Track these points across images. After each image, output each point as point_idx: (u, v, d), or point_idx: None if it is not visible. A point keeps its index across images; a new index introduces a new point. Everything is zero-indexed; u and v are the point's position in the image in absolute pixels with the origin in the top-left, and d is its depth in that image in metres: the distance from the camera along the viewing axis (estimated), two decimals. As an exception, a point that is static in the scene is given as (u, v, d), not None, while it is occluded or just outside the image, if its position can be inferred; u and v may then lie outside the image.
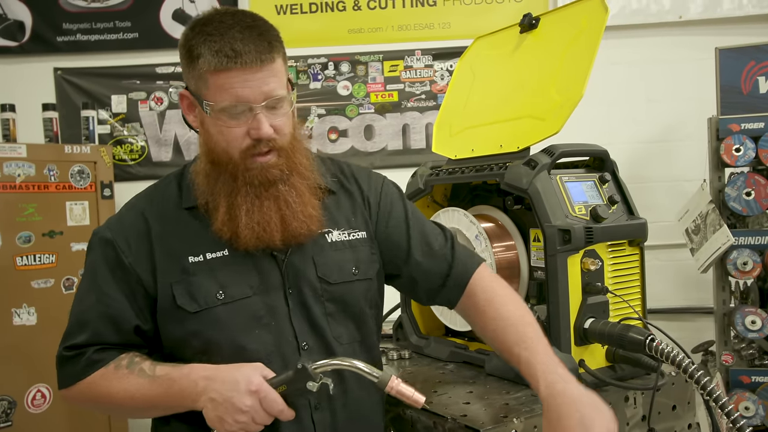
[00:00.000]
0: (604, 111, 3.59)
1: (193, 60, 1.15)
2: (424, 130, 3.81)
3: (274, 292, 1.23)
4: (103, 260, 1.22)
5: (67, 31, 3.72)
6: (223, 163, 1.19)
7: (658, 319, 2.53)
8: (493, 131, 1.74)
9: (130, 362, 1.18)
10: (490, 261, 1.59)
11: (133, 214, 1.26)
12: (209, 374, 1.11)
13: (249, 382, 1.08)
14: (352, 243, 1.32)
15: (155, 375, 1.15)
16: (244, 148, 1.18)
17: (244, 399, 1.07)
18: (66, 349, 1.20)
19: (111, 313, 1.19)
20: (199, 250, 1.21)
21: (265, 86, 1.15)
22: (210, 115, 1.16)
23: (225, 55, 1.11)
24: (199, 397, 1.10)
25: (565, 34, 1.65)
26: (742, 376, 3.06)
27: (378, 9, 3.82)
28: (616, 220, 1.52)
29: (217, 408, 1.08)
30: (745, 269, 3.01)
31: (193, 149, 3.74)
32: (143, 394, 1.15)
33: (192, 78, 1.18)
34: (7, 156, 2.87)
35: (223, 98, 1.14)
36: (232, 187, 1.20)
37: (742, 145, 3.00)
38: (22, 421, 2.85)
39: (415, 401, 1.10)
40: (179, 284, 1.19)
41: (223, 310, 1.19)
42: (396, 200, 1.42)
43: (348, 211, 1.35)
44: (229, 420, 1.07)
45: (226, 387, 1.08)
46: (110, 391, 1.17)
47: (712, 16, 3.69)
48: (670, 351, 1.27)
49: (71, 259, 3.03)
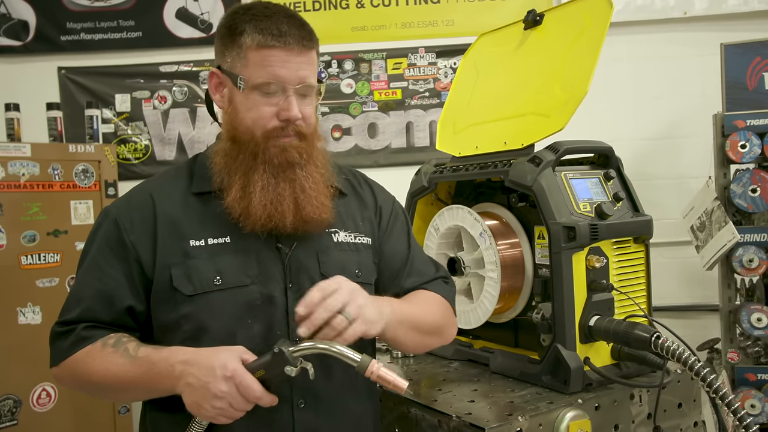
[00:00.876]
0: (608, 108, 3.57)
1: (235, 37, 1.20)
2: (427, 128, 3.81)
3: (273, 283, 1.22)
4: (105, 238, 1.23)
5: (70, 31, 3.73)
6: (245, 141, 1.21)
7: (663, 317, 2.52)
8: (497, 128, 1.73)
9: (117, 341, 1.17)
10: (495, 258, 1.58)
11: (141, 194, 1.27)
12: (187, 358, 1.09)
13: (224, 367, 1.05)
14: (357, 246, 1.33)
15: (137, 356, 1.14)
16: (269, 129, 1.20)
17: (220, 385, 1.04)
18: (58, 325, 1.21)
19: (106, 290, 1.19)
20: (202, 234, 1.21)
21: (302, 71, 1.20)
22: (242, 90, 1.19)
23: (270, 34, 1.17)
24: (177, 382, 1.09)
25: (569, 31, 1.64)
26: (747, 373, 3.04)
27: (381, 6, 3.81)
28: (621, 217, 1.52)
29: (194, 393, 1.07)
30: (751, 266, 2.99)
31: (197, 148, 3.75)
32: (123, 374, 1.13)
33: (229, 55, 1.21)
34: (11, 155, 2.87)
35: (260, 75, 1.18)
36: (250, 165, 1.21)
37: (748, 141, 2.98)
38: (28, 420, 2.86)
39: (396, 386, 1.08)
40: (178, 267, 1.19)
41: (218, 296, 1.18)
42: (403, 220, 1.46)
43: (357, 215, 1.37)
44: (206, 406, 1.06)
45: (203, 372, 1.06)
46: (92, 370, 1.15)
47: (717, 12, 3.67)
48: (676, 348, 1.26)
49: (76, 258, 2.96)
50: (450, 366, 1.74)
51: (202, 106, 3.77)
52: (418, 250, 1.47)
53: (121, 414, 3.13)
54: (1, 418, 2.80)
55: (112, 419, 3.10)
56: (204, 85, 3.76)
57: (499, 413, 1.32)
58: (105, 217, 1.25)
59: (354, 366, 1.08)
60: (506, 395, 1.44)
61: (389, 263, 1.39)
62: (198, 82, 3.77)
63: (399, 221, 1.45)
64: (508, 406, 1.36)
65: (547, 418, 1.32)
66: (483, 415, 1.31)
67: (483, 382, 1.56)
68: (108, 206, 1.28)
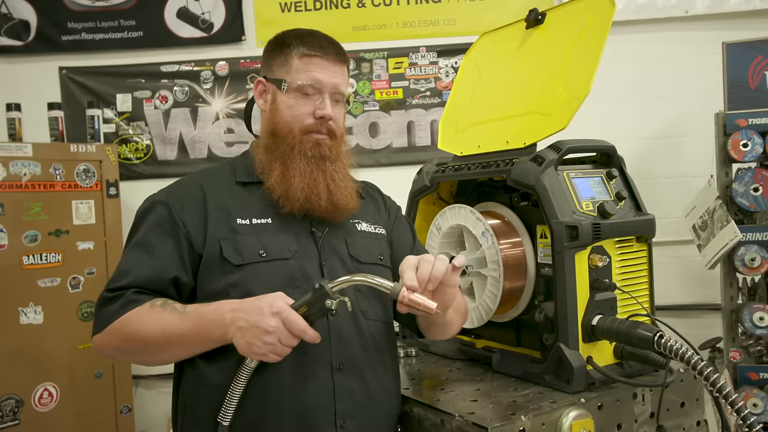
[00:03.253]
0: (610, 106, 3.57)
1: (282, 48, 1.44)
2: (429, 127, 3.80)
3: (310, 261, 1.37)
4: (155, 219, 1.35)
5: (72, 30, 3.73)
6: (283, 134, 1.40)
7: (665, 316, 2.51)
8: (500, 127, 1.73)
9: (165, 302, 1.28)
10: (497, 258, 1.58)
11: (189, 183, 1.43)
12: (235, 306, 1.22)
13: (271, 305, 1.18)
14: (377, 235, 1.52)
15: (186, 311, 1.26)
16: (305, 125, 1.40)
17: (269, 320, 1.17)
18: (108, 291, 1.30)
19: (154, 262, 1.31)
20: (247, 215, 1.37)
21: (336, 79, 1.44)
22: (285, 91, 1.41)
23: (314, 46, 1.42)
24: (228, 329, 1.20)
25: (571, 30, 1.64)
26: (750, 372, 3.04)
27: (382, 6, 3.81)
28: (624, 216, 1.51)
29: (245, 334, 1.18)
30: (753, 265, 2.99)
31: (198, 148, 3.75)
32: (174, 328, 1.24)
33: (275, 65, 1.44)
34: (13, 155, 2.88)
35: (301, 78, 1.40)
36: (288, 155, 1.39)
37: (750, 140, 2.98)
38: (29, 420, 2.86)
39: (426, 307, 1.20)
40: (227, 240, 1.33)
41: (264, 267, 1.32)
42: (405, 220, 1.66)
43: (374, 212, 1.57)
44: (257, 343, 1.17)
45: (252, 314, 1.18)
46: (142, 327, 1.25)
47: (719, 10, 3.67)
48: (679, 348, 1.26)
49: (77, 258, 3.03)
50: (452, 365, 1.73)
51: (203, 105, 3.77)
52: (420, 243, 1.65)
53: (123, 414, 3.14)
54: (3, 418, 2.80)
55: (113, 419, 3.11)
56: (205, 84, 3.76)
57: (502, 413, 1.32)
58: (152, 203, 1.38)
59: (387, 292, 1.22)
60: (509, 394, 1.44)
61: (399, 251, 1.54)
62: (199, 82, 3.77)
63: (403, 220, 1.65)
64: (511, 406, 1.36)
65: (550, 417, 1.32)
66: (486, 414, 1.31)
67: (485, 382, 1.56)
68: (153, 195, 1.41)
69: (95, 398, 3.06)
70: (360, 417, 1.33)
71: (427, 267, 1.24)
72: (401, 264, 1.27)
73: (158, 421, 3.60)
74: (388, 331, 1.47)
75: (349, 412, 1.32)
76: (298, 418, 1.28)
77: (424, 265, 1.24)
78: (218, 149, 3.76)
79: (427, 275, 1.23)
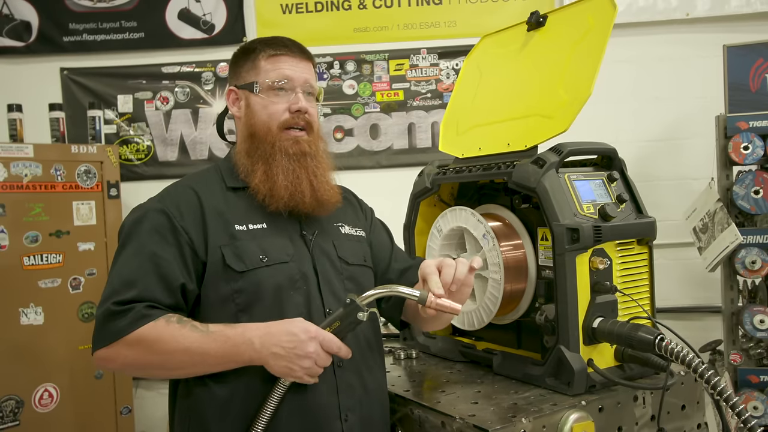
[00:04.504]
0: (611, 109, 3.57)
1: (249, 54, 1.47)
2: (429, 129, 3.81)
3: (305, 263, 1.40)
4: (153, 227, 1.34)
5: (73, 31, 3.73)
6: (262, 134, 1.43)
7: (666, 319, 2.51)
8: (501, 130, 1.73)
9: (180, 319, 1.27)
10: (498, 260, 1.58)
11: (182, 189, 1.42)
12: (263, 332, 1.25)
13: (306, 331, 1.23)
14: (359, 238, 1.57)
15: (209, 331, 1.26)
16: (282, 121, 1.43)
17: (307, 346, 1.22)
18: (114, 304, 1.25)
19: (161, 271, 1.29)
20: (243, 221, 1.38)
21: (306, 74, 1.47)
22: (258, 93, 1.44)
23: (279, 45, 1.46)
24: (260, 354, 1.24)
25: (572, 32, 1.64)
26: (750, 375, 3.04)
27: (384, 8, 3.81)
28: (625, 219, 1.51)
29: (281, 360, 1.23)
30: (754, 268, 2.99)
31: (199, 149, 3.75)
32: (198, 347, 1.24)
33: (244, 71, 1.47)
34: (14, 156, 2.88)
35: (271, 76, 1.44)
36: (269, 153, 1.41)
37: (751, 143, 2.98)
38: (29, 421, 2.86)
39: (453, 309, 1.27)
40: (227, 247, 1.34)
41: (266, 271, 1.34)
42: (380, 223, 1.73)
43: (353, 216, 1.62)
44: (296, 367, 1.22)
45: (286, 340, 1.23)
46: (162, 344, 1.24)
47: (719, 13, 3.67)
48: (679, 350, 1.26)
49: (78, 259, 3.04)
50: (453, 367, 1.73)
51: (204, 107, 3.77)
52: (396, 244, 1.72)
53: (123, 414, 3.14)
54: (3, 418, 2.80)
55: (113, 420, 3.11)
56: (206, 85, 3.77)
57: (503, 415, 1.32)
58: (146, 212, 1.36)
59: (415, 299, 1.28)
60: (509, 397, 1.44)
61: (378, 251, 1.63)
62: (200, 83, 3.77)
63: (377, 222, 1.72)
64: (512, 408, 1.36)
65: (551, 419, 1.32)
66: (486, 416, 1.31)
67: (486, 384, 1.56)
68: (143, 204, 1.40)
69: (95, 399, 3.06)
70: (359, 411, 1.39)
71: (450, 271, 1.31)
72: (421, 269, 1.35)
73: (158, 422, 3.60)
74: (375, 328, 1.52)
75: (350, 407, 1.37)
76: (304, 413, 1.32)
77: (448, 270, 1.31)
78: (219, 150, 3.76)
79: (450, 278, 1.30)
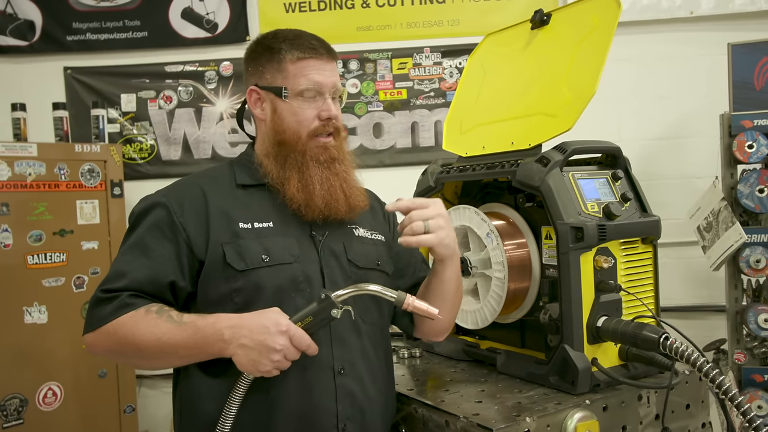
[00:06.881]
0: (615, 108, 3.56)
1: (273, 54, 1.41)
2: (433, 128, 3.80)
3: (311, 264, 1.36)
4: (153, 221, 1.33)
5: (76, 31, 3.74)
6: (292, 142, 1.39)
7: (669, 317, 2.50)
8: (505, 128, 1.73)
9: (160, 309, 1.26)
10: (502, 259, 1.58)
11: (189, 184, 1.41)
12: (234, 323, 1.22)
13: (278, 323, 1.20)
14: (374, 241, 1.51)
15: (182, 321, 1.24)
16: (312, 129, 1.39)
17: (277, 339, 1.18)
18: (102, 292, 1.28)
19: (152, 264, 1.29)
20: (249, 219, 1.35)
21: (333, 77, 1.42)
22: (287, 99, 1.39)
23: (306, 48, 1.39)
24: (228, 346, 1.21)
25: (576, 31, 1.63)
26: (754, 374, 3.03)
27: (387, 6, 3.81)
28: (629, 218, 1.51)
29: (250, 353, 1.19)
30: (758, 267, 2.98)
31: (202, 148, 3.75)
32: (169, 338, 1.22)
33: (267, 72, 1.42)
34: (18, 155, 2.88)
35: (301, 83, 1.38)
36: (302, 162, 1.39)
37: (755, 141, 2.97)
38: (34, 419, 2.87)
39: (429, 314, 1.26)
40: (229, 245, 1.31)
41: (267, 272, 1.31)
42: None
43: (370, 219, 1.55)
44: (264, 361, 1.19)
45: (256, 332, 1.19)
46: (136, 333, 1.23)
47: (724, 11, 3.65)
48: (684, 349, 1.26)
49: (82, 258, 3.04)
50: (457, 366, 1.73)
51: (207, 106, 3.77)
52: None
53: (127, 413, 3.14)
54: (8, 417, 2.80)
55: (117, 418, 3.11)
56: (209, 84, 3.77)
57: (507, 414, 1.32)
58: (151, 204, 1.36)
59: (393, 300, 1.26)
60: (513, 396, 1.44)
61: (403, 257, 1.59)
62: (203, 82, 3.77)
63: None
64: (516, 407, 1.36)
65: (555, 419, 1.32)
66: (490, 415, 1.31)
67: (490, 383, 1.56)
68: (150, 195, 1.38)
69: (99, 398, 3.07)
70: (359, 420, 1.35)
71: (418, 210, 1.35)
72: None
73: (161, 421, 3.60)
74: (384, 335, 1.48)
75: (349, 416, 1.33)
76: (301, 420, 1.29)
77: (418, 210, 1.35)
78: (222, 149, 3.76)
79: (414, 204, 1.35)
